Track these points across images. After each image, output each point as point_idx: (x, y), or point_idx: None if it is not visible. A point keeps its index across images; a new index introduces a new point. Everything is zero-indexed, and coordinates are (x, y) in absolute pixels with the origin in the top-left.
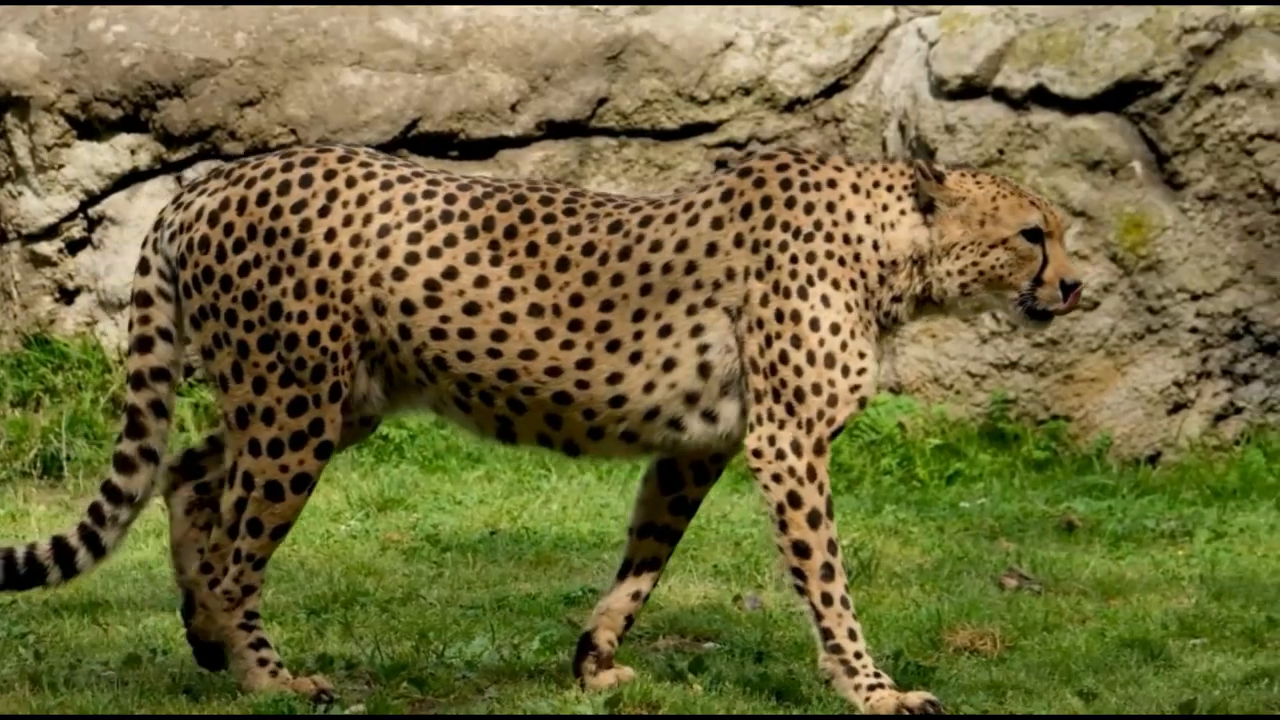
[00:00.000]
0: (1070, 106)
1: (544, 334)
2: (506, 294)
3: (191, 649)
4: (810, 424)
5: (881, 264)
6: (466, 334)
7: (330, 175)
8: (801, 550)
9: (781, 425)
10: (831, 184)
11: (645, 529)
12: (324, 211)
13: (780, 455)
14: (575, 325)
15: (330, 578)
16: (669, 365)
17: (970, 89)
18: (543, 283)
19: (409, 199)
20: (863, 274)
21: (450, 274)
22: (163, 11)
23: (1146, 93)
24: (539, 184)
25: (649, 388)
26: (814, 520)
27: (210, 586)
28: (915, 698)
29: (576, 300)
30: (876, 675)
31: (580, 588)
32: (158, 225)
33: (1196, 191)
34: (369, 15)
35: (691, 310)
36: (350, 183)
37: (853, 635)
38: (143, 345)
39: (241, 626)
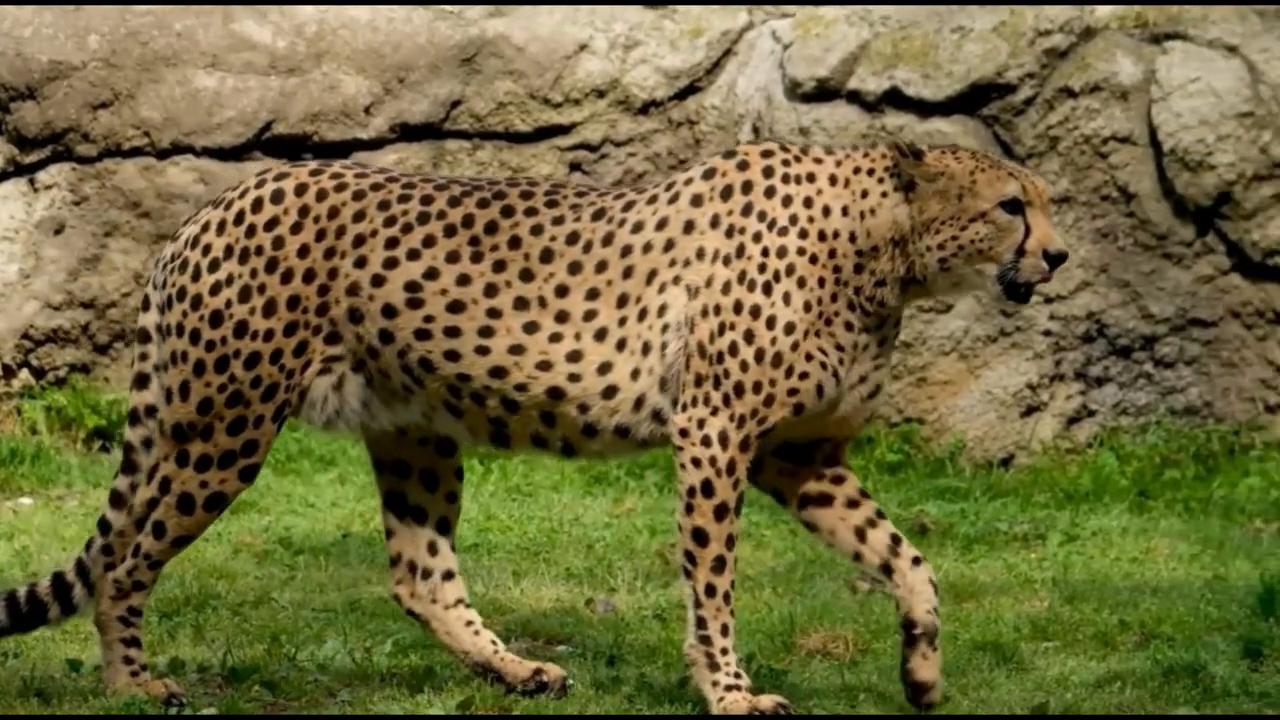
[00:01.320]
0: (924, 109)
1: (531, 327)
2: (490, 289)
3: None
4: (743, 420)
5: (860, 253)
6: (452, 332)
7: (301, 190)
8: (700, 537)
9: (714, 412)
10: (810, 178)
11: (860, 532)
12: (296, 228)
13: (706, 441)
14: (562, 317)
15: (182, 581)
16: (646, 349)
17: (824, 91)
18: (527, 275)
19: (383, 205)
20: (836, 269)
21: (431, 274)
22: (15, 13)
23: (1000, 95)
24: (519, 180)
25: (635, 374)
26: (720, 513)
27: (106, 569)
28: (767, 700)
29: (562, 291)
30: (737, 676)
31: None
32: (158, 262)
33: (1050, 194)
34: (223, 17)
35: (662, 288)
36: (321, 196)
37: (724, 631)
38: (140, 382)
39: (120, 619)
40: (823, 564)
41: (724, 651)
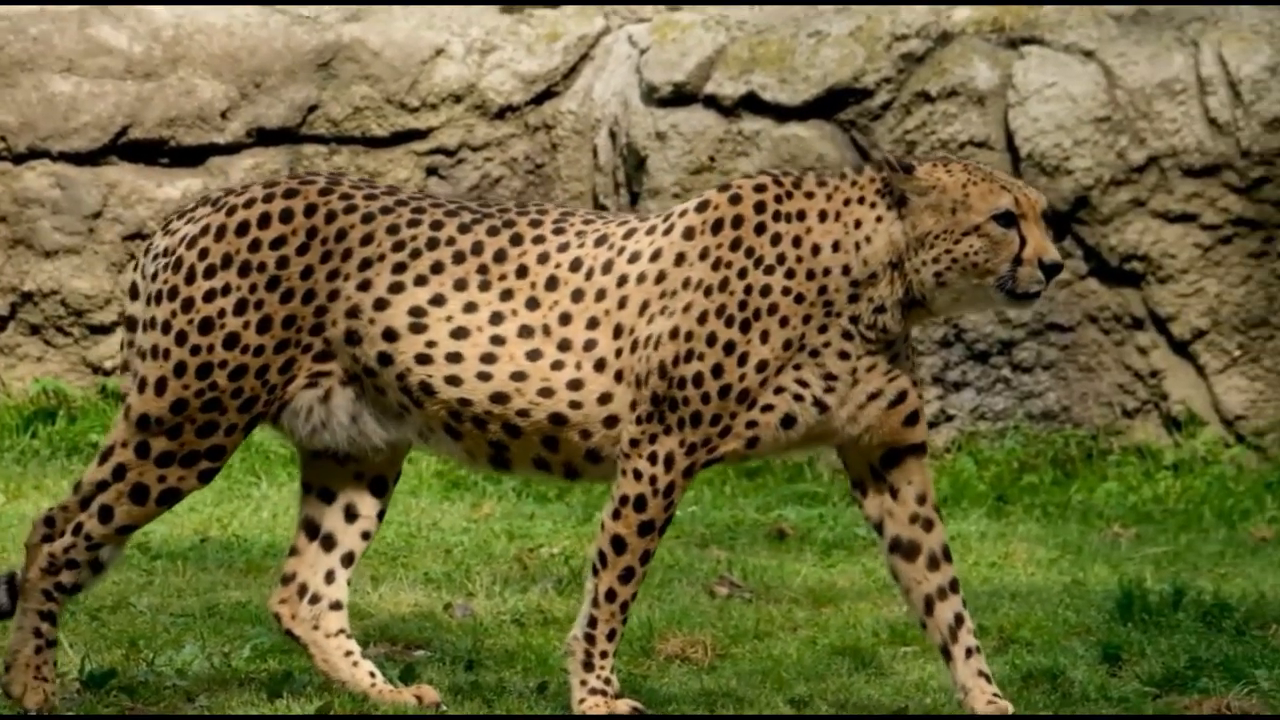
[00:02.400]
0: (781, 114)
1: (534, 355)
2: (496, 318)
3: None
4: (693, 447)
5: (855, 284)
6: (454, 358)
7: (310, 211)
8: (618, 545)
9: (667, 432)
10: (800, 215)
11: (927, 605)
12: (302, 250)
13: (653, 459)
14: (564, 345)
15: None
16: (639, 382)
17: (681, 96)
18: (533, 304)
19: (392, 229)
20: (827, 304)
21: (438, 300)
22: None
23: (857, 100)
24: (528, 206)
25: (634, 406)
26: (644, 530)
27: (43, 540)
28: (623, 705)
29: (565, 319)
30: (607, 682)
31: None
32: (147, 250)
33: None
34: (79, 22)
35: (651, 320)
36: (330, 218)
37: (610, 637)
38: (129, 369)
39: (44, 592)
40: (681, 569)
41: (603, 655)
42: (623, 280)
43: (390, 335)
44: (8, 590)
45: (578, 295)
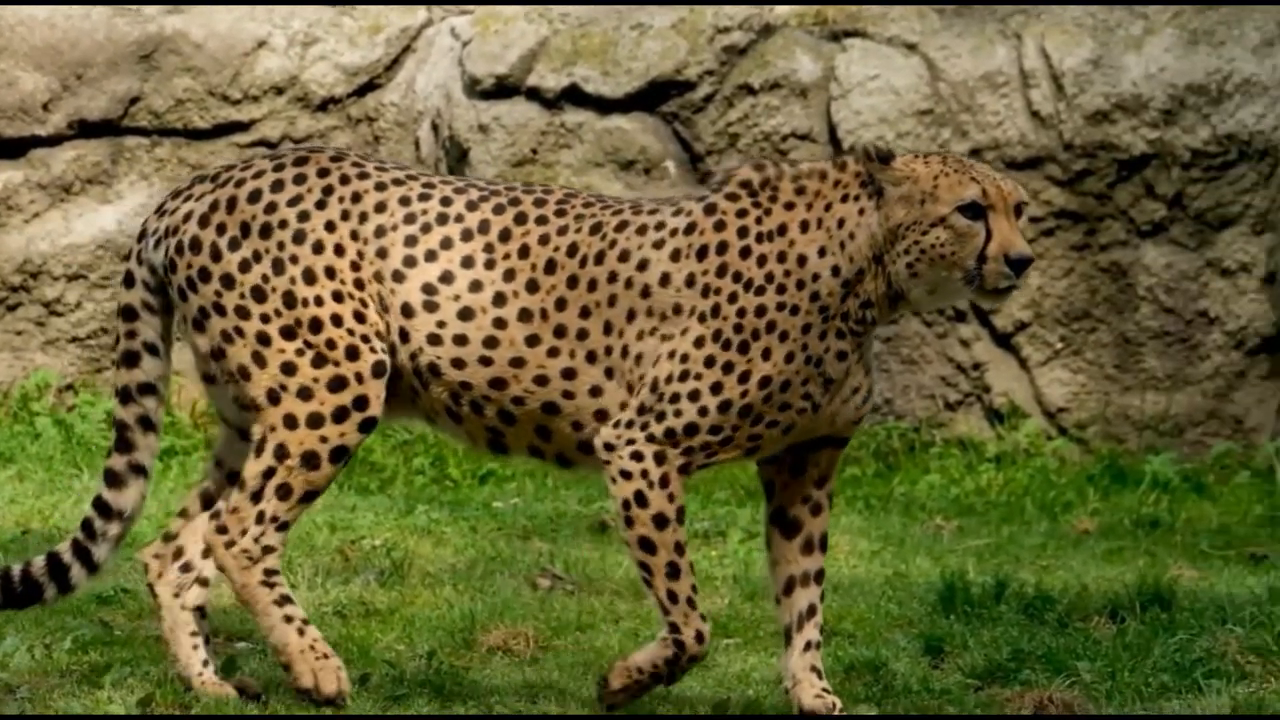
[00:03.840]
0: (604, 106)
1: (533, 340)
2: (499, 299)
3: None
4: (690, 450)
5: (845, 284)
6: (460, 340)
7: (324, 173)
8: (647, 546)
9: (651, 439)
10: (782, 230)
11: (788, 585)
12: (321, 205)
13: (636, 457)
14: (560, 331)
15: None
16: (631, 388)
17: (504, 88)
18: (532, 286)
19: (404, 201)
20: (823, 309)
21: (446, 278)
22: None
23: (680, 92)
24: (534, 186)
25: (623, 406)
26: (660, 522)
27: (226, 547)
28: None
29: (561, 304)
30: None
31: (113, 587)
32: (141, 236)
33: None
34: None
35: (639, 336)
36: (344, 180)
37: (699, 639)
38: (129, 360)
39: (262, 584)
40: (503, 560)
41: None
42: (612, 277)
43: (407, 310)
44: (0, 585)
45: (572, 281)
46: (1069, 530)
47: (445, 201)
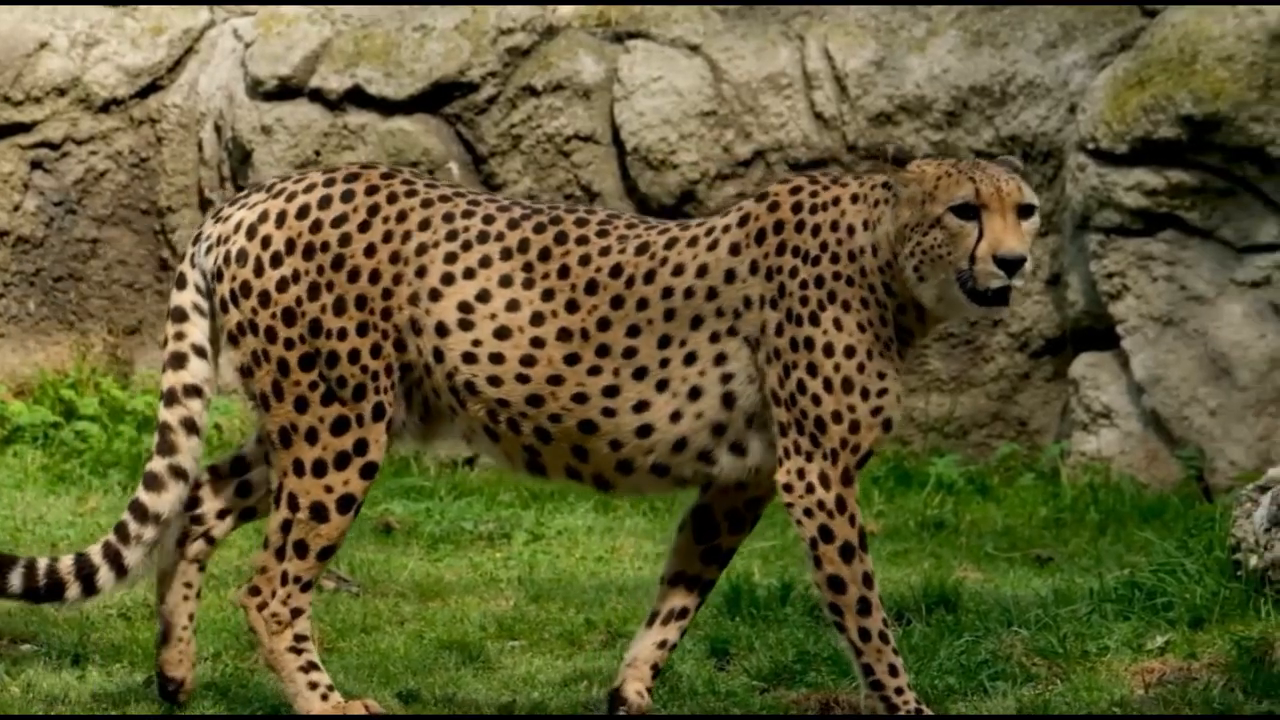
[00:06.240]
0: (387, 108)
1: (572, 359)
2: (537, 318)
3: (157, 681)
4: (835, 454)
5: (882, 270)
6: (496, 359)
7: (372, 190)
8: (836, 585)
9: (808, 458)
10: (835, 201)
11: (676, 578)
12: (364, 227)
13: (810, 489)
14: (603, 350)
15: None
16: (694, 394)
17: (287, 90)
18: (572, 306)
19: (448, 218)
20: (871, 288)
21: (483, 296)
22: None
23: (463, 94)
24: (576, 206)
25: (675, 417)
26: (847, 554)
27: (258, 610)
28: None
29: (604, 324)
30: (919, 704)
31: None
32: (196, 239)
33: (513, 193)
34: None
35: (715, 338)
36: (391, 199)
37: (893, 671)
38: (176, 361)
39: (291, 649)
40: None
41: (898, 691)
42: (668, 292)
43: (442, 330)
44: (24, 574)
45: (617, 302)
46: None
47: (488, 219)
